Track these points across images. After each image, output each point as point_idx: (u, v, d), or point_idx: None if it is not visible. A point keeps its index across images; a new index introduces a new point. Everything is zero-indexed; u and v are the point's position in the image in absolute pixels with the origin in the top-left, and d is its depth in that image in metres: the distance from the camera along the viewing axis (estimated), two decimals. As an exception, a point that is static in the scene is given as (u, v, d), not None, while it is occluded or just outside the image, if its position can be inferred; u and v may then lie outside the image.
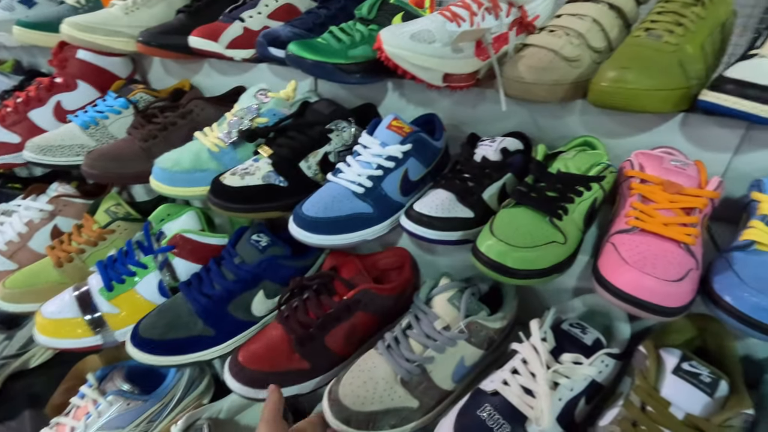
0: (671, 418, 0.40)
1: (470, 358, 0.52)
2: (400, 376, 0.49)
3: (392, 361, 0.50)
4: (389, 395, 0.49)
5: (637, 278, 0.43)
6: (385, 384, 0.49)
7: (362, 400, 0.48)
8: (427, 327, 0.52)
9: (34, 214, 0.74)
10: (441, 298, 0.54)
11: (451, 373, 0.51)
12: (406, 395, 0.49)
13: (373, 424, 0.47)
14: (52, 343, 0.58)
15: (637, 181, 0.51)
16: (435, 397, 0.50)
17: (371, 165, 0.57)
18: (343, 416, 0.47)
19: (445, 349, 0.51)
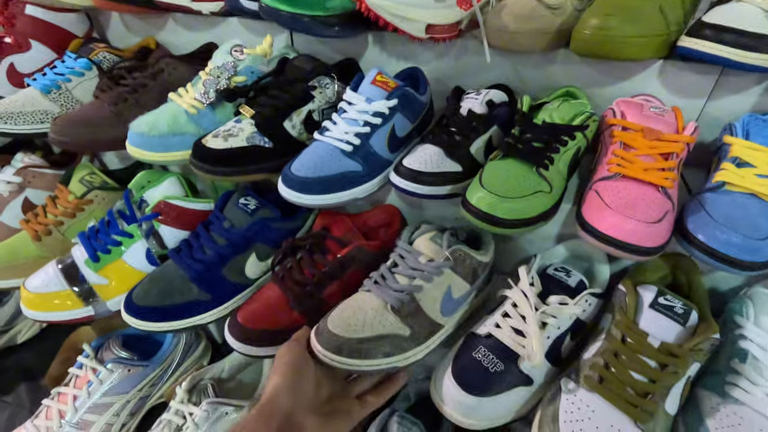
0: (649, 346, 0.44)
1: (457, 289, 0.52)
2: (390, 304, 0.49)
3: (380, 293, 0.50)
4: (380, 322, 0.47)
5: (619, 222, 0.45)
6: (375, 312, 0.48)
7: (353, 328, 0.46)
8: (412, 262, 0.52)
9: (1, 187, 0.70)
10: (423, 238, 0.55)
11: (440, 304, 0.51)
12: (397, 322, 0.48)
13: (366, 352, 0.46)
14: (43, 316, 0.57)
15: (619, 129, 0.53)
16: (426, 326, 0.50)
17: (358, 122, 0.57)
18: (333, 345, 0.45)
19: (432, 278, 0.51)
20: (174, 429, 0.54)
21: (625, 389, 0.43)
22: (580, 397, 0.44)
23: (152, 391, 0.63)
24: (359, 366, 0.45)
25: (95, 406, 0.58)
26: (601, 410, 0.43)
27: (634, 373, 0.44)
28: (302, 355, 0.46)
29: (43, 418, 0.57)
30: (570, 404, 0.44)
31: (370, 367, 0.46)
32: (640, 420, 0.42)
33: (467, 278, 0.53)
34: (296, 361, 0.45)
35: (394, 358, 0.47)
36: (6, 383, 0.71)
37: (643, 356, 0.44)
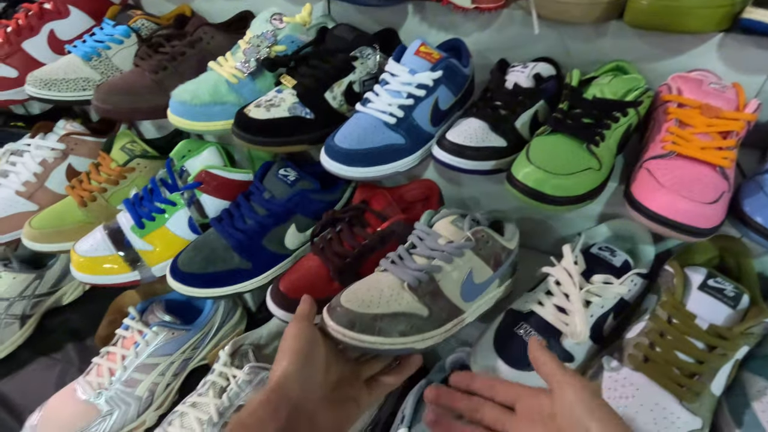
0: (696, 328, 0.44)
1: (479, 274, 0.49)
2: (407, 282, 0.45)
3: (397, 271, 0.46)
4: (396, 300, 0.44)
5: (673, 201, 0.44)
6: (391, 290, 0.45)
7: (367, 303, 0.43)
8: (431, 243, 0.49)
9: (46, 153, 0.71)
10: (444, 221, 0.52)
11: (461, 288, 0.48)
12: (414, 301, 0.45)
13: (380, 329, 0.42)
14: (92, 279, 0.59)
15: (675, 106, 0.51)
16: (445, 309, 0.46)
17: (401, 94, 0.56)
18: (346, 320, 0.42)
19: (453, 259, 0.47)
20: (218, 389, 0.56)
21: (671, 369, 0.43)
22: (624, 375, 0.44)
23: (194, 354, 0.66)
24: (373, 343, 0.42)
25: (142, 365, 0.60)
26: (646, 388, 0.43)
27: (681, 354, 0.43)
28: (312, 336, 0.43)
29: (95, 375, 0.60)
30: (613, 381, 0.44)
31: (384, 346, 0.43)
32: (685, 399, 0.42)
33: (489, 263, 0.50)
34: (306, 343, 0.42)
35: (410, 338, 0.44)
36: (54, 342, 0.74)
37: (690, 337, 0.44)
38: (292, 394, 0.39)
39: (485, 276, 0.50)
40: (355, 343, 0.42)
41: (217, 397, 0.56)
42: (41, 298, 0.76)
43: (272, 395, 0.38)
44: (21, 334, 0.73)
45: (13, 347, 0.72)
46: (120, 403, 0.59)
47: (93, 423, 0.57)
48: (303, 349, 0.41)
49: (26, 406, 0.64)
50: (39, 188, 0.71)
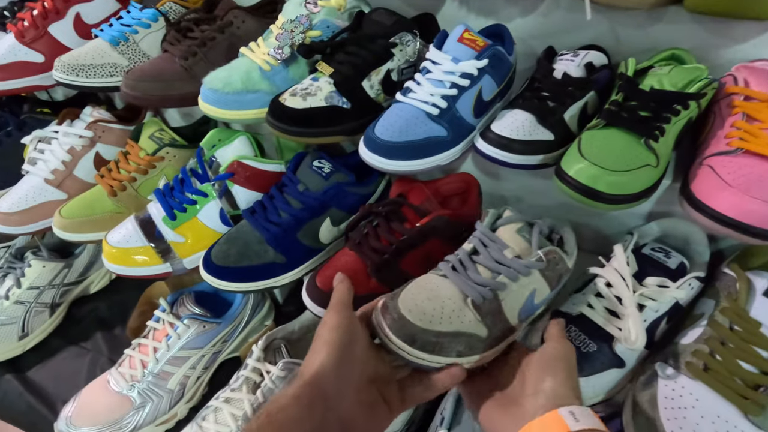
0: (761, 336, 0.41)
1: (540, 294, 0.45)
2: (471, 299, 0.42)
3: (460, 282, 0.43)
4: (458, 317, 0.41)
5: (741, 201, 0.41)
6: (453, 305, 0.41)
7: (429, 318, 0.40)
8: (496, 254, 0.45)
9: (74, 140, 0.70)
10: (508, 228, 0.48)
11: (521, 308, 0.44)
12: (476, 321, 0.41)
13: (440, 347, 0.39)
14: (124, 270, 0.58)
15: (741, 98, 0.47)
16: (501, 329, 0.43)
17: (444, 83, 0.53)
18: (406, 333, 0.39)
19: (519, 278, 0.43)
20: (252, 385, 0.55)
21: (733, 380, 0.41)
22: (682, 384, 0.42)
23: (224, 347, 0.65)
24: (429, 361, 0.39)
25: (174, 358, 0.60)
26: (706, 399, 0.41)
27: (744, 363, 0.41)
28: (352, 327, 0.39)
29: (127, 367, 0.59)
30: (670, 390, 0.42)
31: (439, 363, 0.40)
32: (750, 413, 0.39)
33: (552, 283, 0.46)
34: (345, 335, 0.38)
35: (465, 359, 0.41)
36: (83, 331, 0.74)
37: (754, 346, 0.41)
38: (328, 390, 0.36)
39: (544, 295, 0.46)
40: (410, 359, 0.39)
41: (251, 392, 0.55)
42: (70, 286, 0.76)
43: (306, 390, 0.35)
44: (51, 322, 0.73)
45: (44, 335, 0.72)
46: (152, 396, 0.58)
47: (127, 415, 0.57)
48: (342, 342, 0.37)
49: (59, 396, 0.64)
50: (68, 176, 0.70)
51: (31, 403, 0.64)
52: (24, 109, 0.78)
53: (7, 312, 0.69)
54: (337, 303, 0.41)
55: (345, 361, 0.37)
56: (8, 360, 0.69)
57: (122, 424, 0.57)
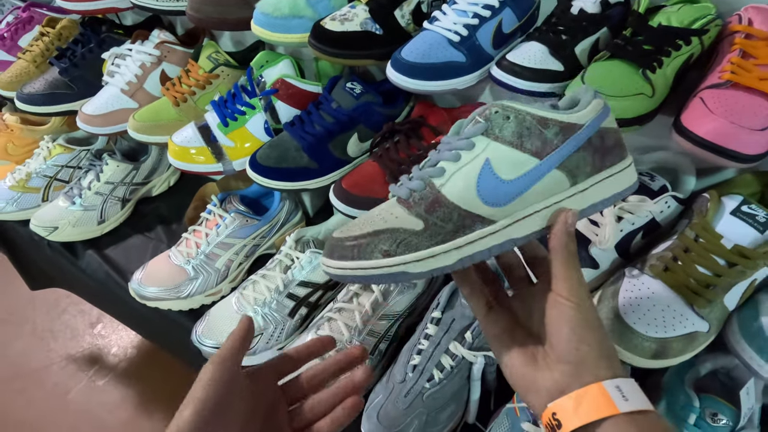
0: (721, 247, 0.47)
1: (503, 165, 0.34)
2: (396, 197, 0.36)
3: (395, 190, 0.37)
4: (383, 219, 0.35)
5: (720, 126, 0.46)
6: (381, 211, 0.36)
7: (351, 228, 0.35)
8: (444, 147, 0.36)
9: (144, 57, 0.81)
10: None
11: (475, 187, 0.34)
12: (405, 214, 0.34)
13: (359, 250, 0.33)
14: (184, 166, 0.70)
15: (742, 36, 0.51)
16: (453, 219, 0.34)
17: (467, 13, 0.59)
18: (327, 249, 0.35)
19: (460, 155, 0.35)
20: (284, 267, 0.67)
21: (689, 279, 0.47)
22: (642, 281, 0.49)
23: (262, 242, 0.77)
24: (354, 270, 0.33)
25: (221, 243, 0.72)
26: (661, 293, 0.48)
27: (701, 268, 0.47)
28: (229, 382, 0.35)
29: (184, 247, 0.72)
30: (632, 285, 0.49)
31: (367, 271, 0.33)
32: (697, 305, 0.46)
33: (521, 145, 0.34)
34: (218, 390, 0.34)
35: (398, 259, 0.33)
36: (147, 224, 0.88)
37: (713, 254, 0.48)
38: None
39: (521, 167, 0.34)
40: (336, 273, 0.34)
41: (282, 272, 0.66)
42: (137, 186, 0.89)
43: None
44: (123, 213, 0.87)
45: (117, 224, 0.87)
46: (203, 271, 0.71)
47: (183, 282, 0.70)
48: (211, 399, 0.34)
49: (129, 269, 0.78)
50: (139, 89, 0.82)
51: (109, 271, 0.79)
52: (102, 29, 0.90)
53: (89, 200, 0.83)
54: (216, 356, 0.36)
55: (213, 419, 0.33)
56: (90, 239, 0.84)
57: (180, 289, 0.70)
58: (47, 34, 0.96)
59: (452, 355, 0.57)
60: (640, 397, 0.29)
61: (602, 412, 0.28)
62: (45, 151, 0.91)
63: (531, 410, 0.36)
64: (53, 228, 0.81)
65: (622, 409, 0.28)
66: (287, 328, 0.65)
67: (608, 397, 0.28)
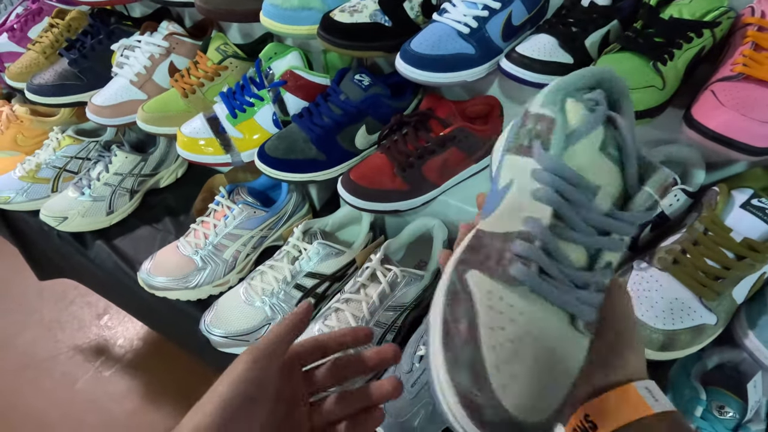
0: (730, 240, 0.47)
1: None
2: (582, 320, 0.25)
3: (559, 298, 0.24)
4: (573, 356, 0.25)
5: (731, 119, 0.46)
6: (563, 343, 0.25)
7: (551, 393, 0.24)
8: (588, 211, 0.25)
9: (153, 49, 0.81)
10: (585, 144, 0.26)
11: None
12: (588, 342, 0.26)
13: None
14: (193, 157, 0.70)
15: (755, 29, 0.51)
16: None
17: (477, 5, 0.59)
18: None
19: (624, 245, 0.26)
20: (291, 258, 0.67)
21: (697, 272, 0.47)
22: (651, 274, 0.49)
23: (269, 234, 0.77)
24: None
25: (229, 234, 0.72)
26: (669, 285, 0.48)
27: (709, 261, 0.48)
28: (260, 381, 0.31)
29: (193, 237, 0.73)
30: (639, 278, 0.49)
31: None
32: (705, 297, 0.46)
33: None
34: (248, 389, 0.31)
35: None
36: (155, 215, 0.89)
37: (722, 248, 0.48)
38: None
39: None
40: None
41: (290, 263, 0.67)
42: (145, 178, 0.90)
43: None
44: (131, 204, 0.87)
45: (125, 215, 0.87)
46: (211, 262, 0.72)
47: (191, 273, 0.71)
48: (239, 397, 0.30)
49: (137, 259, 0.79)
50: (148, 80, 0.82)
51: (117, 262, 0.79)
52: (112, 21, 0.90)
53: (98, 191, 0.84)
54: (256, 350, 0.32)
55: (239, 417, 0.30)
56: (99, 230, 0.85)
57: (188, 279, 0.70)
58: (57, 26, 0.96)
59: (459, 347, 0.57)
60: (665, 398, 0.29)
61: (638, 413, 0.27)
62: (54, 142, 0.91)
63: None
64: (63, 218, 0.82)
65: (655, 409, 0.27)
66: (294, 318, 0.66)
67: (641, 398, 0.28)
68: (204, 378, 0.40)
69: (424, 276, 0.64)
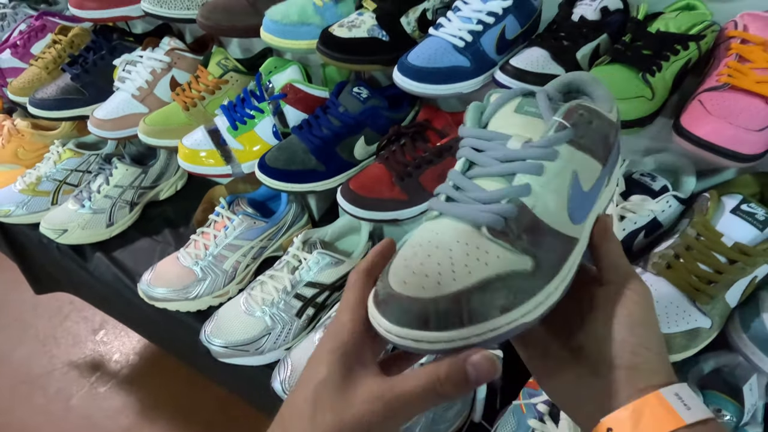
0: (721, 244, 0.49)
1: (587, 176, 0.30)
2: (485, 226, 0.27)
3: (460, 211, 0.28)
4: (478, 258, 0.27)
5: (718, 127, 0.48)
6: (464, 245, 0.27)
7: (436, 280, 0.26)
8: (498, 151, 0.30)
9: (155, 64, 0.83)
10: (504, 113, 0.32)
11: (566, 203, 0.29)
12: (507, 251, 0.27)
13: (470, 314, 0.25)
14: (194, 168, 0.71)
15: (738, 42, 0.53)
16: (554, 246, 0.29)
17: (471, 20, 0.61)
18: (410, 316, 0.25)
19: (543, 167, 0.29)
20: (291, 268, 0.68)
21: (691, 276, 0.48)
22: (645, 278, 0.50)
23: (269, 244, 0.78)
24: (466, 338, 0.25)
25: (229, 245, 0.73)
26: (663, 290, 0.49)
27: (702, 265, 0.49)
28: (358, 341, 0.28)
29: (192, 248, 0.73)
30: (635, 283, 0.50)
31: (483, 336, 0.25)
32: (699, 301, 0.47)
33: (598, 153, 0.30)
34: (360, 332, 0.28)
35: (516, 312, 0.26)
36: (155, 227, 0.89)
37: (714, 252, 0.49)
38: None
39: (595, 175, 0.30)
40: (431, 348, 0.25)
41: (290, 273, 0.67)
42: (145, 190, 0.90)
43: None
44: (130, 216, 0.88)
45: (125, 227, 0.88)
46: (211, 273, 0.72)
47: (191, 284, 0.71)
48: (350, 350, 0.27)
49: (137, 270, 0.79)
50: (149, 94, 0.83)
51: (117, 274, 0.80)
52: (113, 37, 0.92)
53: (99, 203, 0.84)
54: (361, 270, 0.30)
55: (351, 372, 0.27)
56: (98, 242, 0.85)
57: (188, 290, 0.71)
58: (59, 42, 0.98)
59: (458, 354, 0.57)
60: (699, 404, 0.25)
61: (667, 425, 0.24)
62: (55, 156, 0.92)
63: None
64: (63, 230, 0.82)
65: (687, 420, 0.24)
66: (294, 328, 0.66)
67: (670, 407, 0.25)
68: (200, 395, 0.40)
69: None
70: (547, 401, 0.52)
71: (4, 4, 1.10)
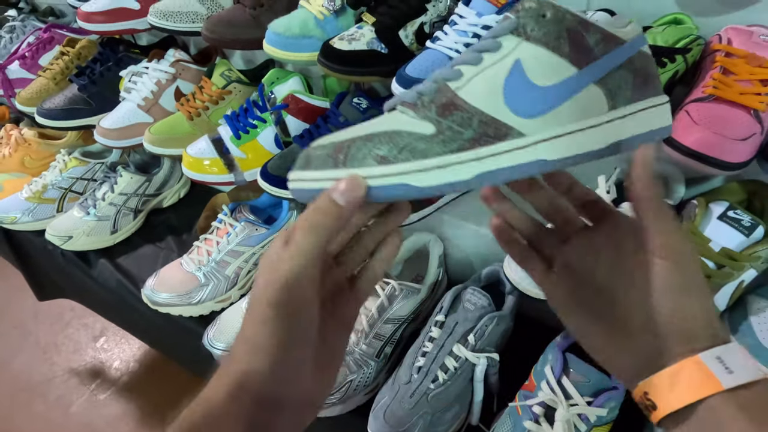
0: (709, 249, 0.50)
1: (539, 69, 0.28)
2: (402, 101, 0.30)
3: (395, 99, 0.31)
4: (380, 122, 0.29)
5: (704, 136, 0.49)
6: (379, 119, 0.30)
7: (335, 136, 0.29)
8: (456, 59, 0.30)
9: (160, 75, 0.85)
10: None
11: (502, 91, 0.28)
12: (411, 118, 0.28)
13: (345, 156, 0.27)
14: (198, 176, 0.73)
15: (722, 55, 0.55)
16: (472, 125, 0.28)
17: (467, 33, 0.63)
18: (301, 160, 0.30)
19: (481, 57, 0.29)
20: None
21: (679, 280, 0.50)
22: (637, 283, 0.52)
23: (270, 251, 0.79)
24: (336, 178, 0.27)
25: (232, 251, 0.75)
26: (654, 293, 0.50)
27: (690, 269, 0.50)
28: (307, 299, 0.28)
29: (195, 254, 0.75)
30: (626, 287, 0.52)
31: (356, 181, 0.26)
32: (687, 304, 0.49)
33: (559, 49, 0.28)
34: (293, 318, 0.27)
35: (398, 167, 0.26)
36: (158, 234, 0.91)
37: (702, 257, 0.50)
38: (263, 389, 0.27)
39: (555, 72, 0.28)
40: (312, 186, 0.28)
41: (291, 278, 0.69)
42: (148, 198, 0.92)
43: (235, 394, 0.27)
44: (134, 224, 0.90)
45: (129, 234, 0.89)
46: (213, 278, 0.74)
47: (194, 289, 0.72)
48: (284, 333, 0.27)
49: (140, 276, 0.80)
50: (154, 104, 0.85)
51: (120, 279, 0.81)
52: (120, 49, 0.94)
53: (103, 211, 0.86)
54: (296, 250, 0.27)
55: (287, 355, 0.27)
56: (102, 249, 0.86)
57: (191, 295, 0.72)
58: (67, 53, 1.00)
59: (456, 357, 0.59)
60: (745, 365, 0.24)
61: (702, 391, 0.24)
62: (61, 164, 0.94)
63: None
64: (68, 237, 0.84)
65: (726, 384, 0.23)
66: (295, 332, 0.67)
67: (708, 372, 0.24)
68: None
69: (421, 290, 0.66)
70: (542, 403, 0.53)
71: (13, 17, 1.13)
